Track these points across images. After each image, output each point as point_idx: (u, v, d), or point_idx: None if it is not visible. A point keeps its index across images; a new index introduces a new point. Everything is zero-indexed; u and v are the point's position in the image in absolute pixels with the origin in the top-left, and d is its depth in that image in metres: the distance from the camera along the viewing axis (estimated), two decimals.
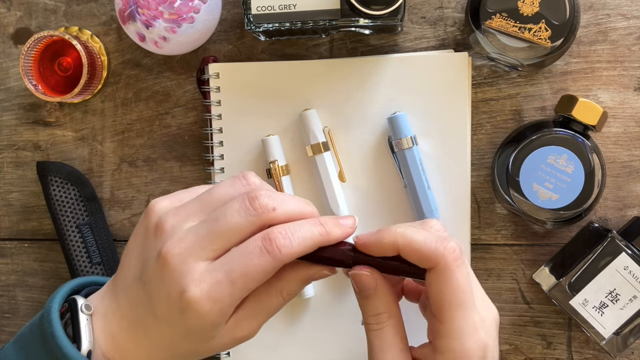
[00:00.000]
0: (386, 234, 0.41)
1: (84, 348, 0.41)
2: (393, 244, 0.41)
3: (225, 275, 0.39)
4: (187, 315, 0.39)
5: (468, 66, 0.56)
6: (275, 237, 0.39)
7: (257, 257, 0.38)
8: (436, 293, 0.40)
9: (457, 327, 0.40)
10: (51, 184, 0.61)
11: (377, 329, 0.42)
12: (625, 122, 0.55)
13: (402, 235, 0.40)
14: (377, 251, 0.41)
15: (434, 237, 0.40)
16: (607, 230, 0.52)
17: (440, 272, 0.40)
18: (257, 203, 0.40)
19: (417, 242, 0.40)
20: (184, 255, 0.39)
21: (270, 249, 0.38)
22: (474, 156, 0.57)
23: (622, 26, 0.55)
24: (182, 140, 0.61)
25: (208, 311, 0.39)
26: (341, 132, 0.57)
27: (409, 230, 0.41)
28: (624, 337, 0.52)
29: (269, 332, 0.58)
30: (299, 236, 0.39)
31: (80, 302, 0.43)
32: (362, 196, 0.57)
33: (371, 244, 0.41)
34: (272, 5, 0.52)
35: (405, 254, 0.40)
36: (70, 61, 0.61)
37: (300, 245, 0.39)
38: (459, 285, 0.40)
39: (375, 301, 0.42)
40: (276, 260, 0.39)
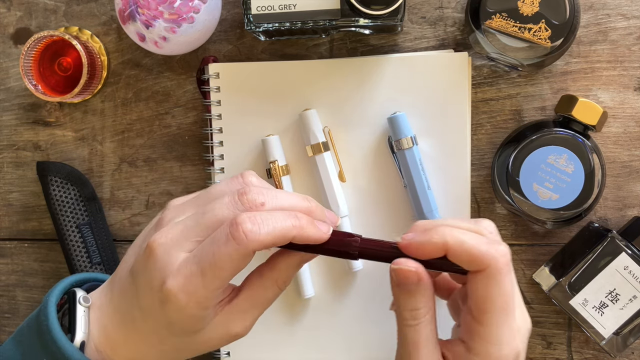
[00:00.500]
0: (435, 234, 0.40)
1: (77, 339, 0.41)
2: (442, 244, 0.39)
3: (197, 267, 0.38)
4: (167, 307, 0.39)
5: (468, 66, 0.56)
6: (242, 221, 0.38)
7: (224, 244, 0.38)
8: (482, 296, 0.39)
9: (497, 332, 0.39)
10: (51, 184, 0.61)
11: (413, 325, 0.41)
12: (625, 122, 0.55)
13: (452, 235, 0.39)
14: (424, 253, 0.40)
15: (485, 240, 0.39)
16: (607, 230, 0.52)
17: (490, 275, 0.39)
18: (246, 197, 0.40)
19: (468, 244, 0.39)
20: (168, 245, 0.39)
21: (237, 234, 0.37)
22: (474, 156, 0.57)
23: (622, 26, 0.55)
24: (182, 140, 0.61)
25: (185, 304, 0.38)
26: (341, 132, 0.57)
27: (458, 231, 0.40)
28: (623, 337, 0.52)
29: (269, 332, 0.58)
30: (269, 224, 0.38)
31: (79, 294, 0.43)
32: (362, 196, 0.57)
33: (418, 245, 0.40)
34: (272, 5, 0.52)
35: (454, 255, 0.39)
36: (70, 61, 0.61)
37: (269, 234, 0.38)
38: (505, 291, 0.39)
39: (416, 297, 0.41)
40: (242, 246, 0.37)
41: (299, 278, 0.57)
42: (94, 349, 0.42)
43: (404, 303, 0.41)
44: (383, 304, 0.57)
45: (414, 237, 0.40)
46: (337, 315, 0.58)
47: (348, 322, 0.58)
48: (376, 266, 0.57)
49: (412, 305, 0.41)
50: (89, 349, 0.42)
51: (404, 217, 0.57)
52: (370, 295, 0.57)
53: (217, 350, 0.59)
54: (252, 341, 0.59)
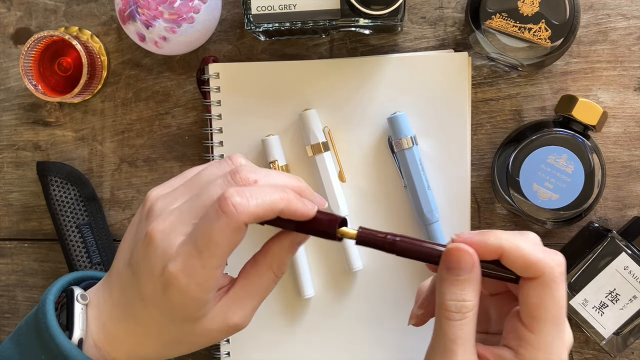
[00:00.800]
0: (491, 236, 0.39)
1: (75, 336, 0.41)
2: (498, 247, 0.38)
3: (193, 247, 0.38)
4: (169, 292, 0.39)
5: (468, 66, 0.56)
6: (230, 195, 0.38)
7: (215, 220, 0.38)
8: (535, 303, 0.38)
9: (549, 341, 0.39)
10: (51, 184, 0.61)
11: (457, 319, 0.39)
12: (625, 122, 0.55)
13: (508, 240, 0.38)
14: (478, 252, 0.39)
15: (540, 247, 0.39)
16: (607, 230, 0.52)
17: (545, 283, 0.38)
18: (239, 176, 0.40)
19: (526, 249, 0.38)
20: (167, 231, 0.39)
21: (226, 208, 0.37)
22: (474, 156, 0.57)
23: (622, 26, 0.55)
24: (182, 140, 0.61)
25: (186, 286, 0.38)
26: (341, 132, 0.57)
27: (513, 235, 0.39)
28: (623, 337, 0.52)
29: (269, 332, 0.58)
30: (257, 197, 0.38)
31: (76, 292, 0.43)
32: (362, 196, 0.57)
33: (474, 244, 0.39)
34: (272, 5, 0.52)
35: (509, 259, 0.38)
36: (70, 61, 0.61)
37: (258, 206, 0.38)
38: (559, 300, 0.38)
39: (466, 287, 0.39)
40: (233, 219, 0.37)
41: (298, 278, 0.57)
42: (93, 345, 0.42)
43: (450, 292, 0.39)
44: (383, 304, 0.57)
45: (471, 237, 0.39)
46: (337, 315, 0.58)
47: (348, 322, 0.58)
48: (376, 266, 0.57)
49: (460, 295, 0.39)
50: (87, 345, 0.42)
51: (404, 217, 0.57)
52: (370, 295, 0.57)
53: (217, 350, 0.59)
54: (252, 341, 0.59)
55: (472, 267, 0.39)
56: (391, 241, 0.40)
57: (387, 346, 0.57)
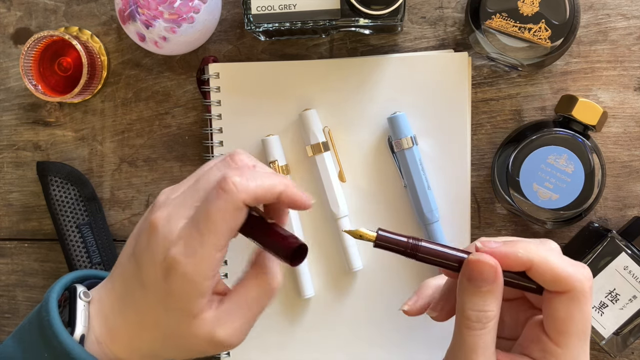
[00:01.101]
0: (520, 248, 0.38)
1: (77, 333, 0.42)
2: (527, 260, 0.38)
3: (194, 227, 0.38)
4: (170, 278, 0.39)
5: (468, 66, 0.56)
6: (231, 175, 0.38)
7: (215, 198, 0.38)
8: (563, 318, 0.38)
9: (575, 356, 0.39)
10: (51, 184, 0.61)
11: (479, 329, 0.38)
12: (625, 122, 0.55)
13: (537, 253, 0.38)
14: (505, 265, 0.39)
15: (570, 261, 0.39)
16: (607, 230, 0.52)
17: (574, 298, 0.38)
18: (237, 157, 0.41)
19: (555, 263, 0.38)
20: (166, 219, 0.40)
21: (226, 186, 0.38)
22: (474, 156, 0.57)
23: (622, 26, 0.55)
24: (182, 140, 0.61)
25: (185, 268, 0.38)
26: (341, 132, 0.57)
27: (542, 248, 0.39)
28: (623, 337, 0.52)
29: (269, 332, 0.58)
30: (257, 177, 0.38)
31: (79, 290, 0.44)
32: (362, 196, 0.57)
33: (502, 254, 0.38)
34: (272, 5, 0.52)
35: (538, 272, 0.38)
36: (70, 61, 0.61)
37: (258, 186, 0.38)
38: (587, 315, 0.38)
39: (488, 297, 0.38)
40: (232, 196, 0.38)
41: (298, 278, 0.57)
42: (94, 341, 0.43)
43: (472, 302, 0.38)
44: (383, 304, 0.57)
45: (499, 247, 0.38)
46: (337, 315, 0.58)
47: (348, 322, 0.58)
48: (376, 266, 0.57)
49: (482, 306, 0.38)
50: (89, 341, 0.42)
51: (404, 217, 0.57)
52: (370, 295, 0.57)
53: None
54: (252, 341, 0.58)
55: (495, 279, 0.38)
56: (413, 245, 0.39)
57: (387, 346, 0.57)
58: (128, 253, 0.43)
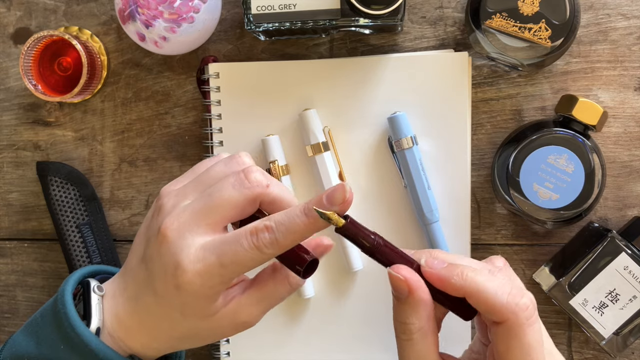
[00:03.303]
0: (457, 275, 0.38)
1: (92, 326, 0.43)
2: (461, 287, 0.38)
3: (217, 259, 0.39)
4: (182, 291, 0.40)
5: (468, 66, 0.55)
6: (261, 230, 0.39)
7: (246, 251, 0.39)
8: (502, 350, 0.38)
9: None
10: (51, 184, 0.61)
11: (405, 339, 0.40)
12: (625, 122, 0.55)
13: (472, 281, 0.38)
14: (442, 288, 0.39)
15: (507, 289, 0.38)
16: (607, 230, 0.52)
17: (509, 329, 0.37)
18: (252, 177, 0.41)
19: (488, 294, 0.37)
20: (181, 230, 0.40)
21: (258, 244, 0.39)
22: (474, 156, 0.57)
23: (622, 26, 0.55)
24: (182, 140, 0.61)
25: (199, 287, 0.39)
26: (341, 132, 0.57)
27: (480, 275, 0.38)
28: (623, 337, 0.52)
29: (269, 332, 0.58)
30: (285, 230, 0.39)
31: (93, 284, 0.44)
32: (362, 196, 0.57)
33: (437, 279, 0.39)
34: (272, 5, 0.52)
35: (473, 302, 0.38)
36: (70, 61, 0.61)
37: (286, 240, 0.39)
38: (529, 345, 0.37)
39: (406, 307, 0.39)
40: (264, 254, 0.39)
41: None
42: (108, 335, 0.43)
43: (395, 312, 0.40)
44: (383, 304, 0.57)
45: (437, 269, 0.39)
46: (337, 315, 0.58)
47: (348, 322, 0.58)
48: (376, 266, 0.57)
49: (403, 317, 0.40)
50: (103, 334, 0.43)
51: (404, 217, 0.57)
52: (370, 295, 0.57)
53: (217, 350, 0.59)
54: (252, 341, 0.59)
55: (409, 293, 0.39)
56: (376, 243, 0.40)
57: (387, 346, 0.57)
58: (138, 256, 0.43)
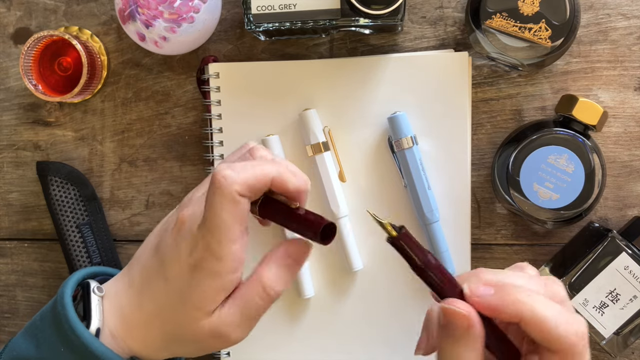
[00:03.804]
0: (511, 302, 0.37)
1: (92, 327, 0.43)
2: (516, 315, 0.37)
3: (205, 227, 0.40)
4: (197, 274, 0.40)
5: (468, 66, 0.55)
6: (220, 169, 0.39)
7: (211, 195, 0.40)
8: None
9: None
10: (51, 184, 0.61)
11: None
12: (625, 122, 0.55)
13: (530, 309, 0.36)
14: (493, 315, 0.37)
15: (565, 318, 0.37)
16: (608, 230, 0.52)
17: (567, 358, 0.36)
18: (258, 154, 0.43)
19: (547, 321, 0.36)
20: (194, 213, 0.41)
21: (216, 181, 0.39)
22: (474, 156, 0.57)
23: (622, 26, 0.55)
24: (182, 140, 0.61)
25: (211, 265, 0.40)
26: (341, 132, 0.57)
27: (537, 302, 0.37)
28: (624, 337, 0.52)
29: (269, 332, 0.58)
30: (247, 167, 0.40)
31: (93, 285, 0.45)
32: (362, 196, 0.57)
33: (488, 306, 0.37)
34: (272, 5, 0.52)
35: (528, 328, 0.37)
36: (70, 61, 0.61)
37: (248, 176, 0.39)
38: None
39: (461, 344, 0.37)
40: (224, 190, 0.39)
41: (298, 278, 0.57)
42: (109, 335, 0.43)
43: (447, 349, 0.38)
44: (383, 304, 0.57)
45: (487, 296, 0.37)
46: (337, 315, 0.58)
47: (348, 322, 0.58)
48: (376, 266, 0.57)
49: (456, 355, 0.38)
50: (103, 335, 0.43)
51: (404, 217, 0.57)
52: (370, 295, 0.57)
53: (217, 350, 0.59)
54: (252, 341, 0.58)
55: (468, 329, 0.37)
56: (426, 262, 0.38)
57: (387, 346, 0.57)
58: (151, 246, 0.44)
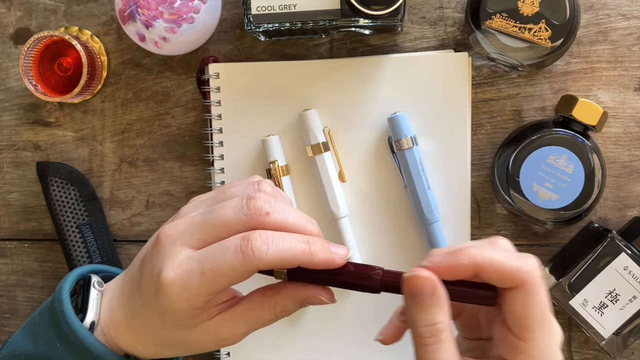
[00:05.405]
0: (464, 256, 0.38)
1: (87, 319, 0.43)
2: (472, 265, 0.38)
3: (198, 265, 0.39)
4: (159, 297, 0.39)
5: (468, 66, 0.55)
6: (253, 238, 0.38)
7: (231, 254, 0.38)
8: (521, 313, 0.38)
9: (542, 347, 0.38)
10: (51, 184, 0.61)
11: (433, 343, 0.39)
12: (625, 122, 0.55)
13: (480, 254, 0.38)
14: (453, 275, 0.39)
15: (513, 255, 0.39)
16: (607, 230, 0.52)
17: (526, 291, 0.38)
18: (252, 203, 0.40)
19: (500, 261, 0.38)
20: (174, 238, 0.40)
21: (245, 249, 0.38)
22: (474, 156, 0.57)
23: (622, 26, 0.55)
24: (182, 140, 0.61)
25: (177, 297, 0.39)
26: (341, 132, 0.57)
27: (486, 249, 0.39)
28: (623, 337, 0.52)
29: (269, 332, 0.58)
30: (279, 245, 0.38)
31: (94, 279, 0.45)
32: (362, 196, 0.57)
33: (448, 269, 0.39)
34: (272, 5, 0.52)
35: (486, 274, 0.38)
36: (70, 61, 0.61)
37: (276, 255, 0.38)
38: (543, 304, 0.38)
39: (433, 309, 0.39)
40: (248, 261, 0.38)
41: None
42: (101, 331, 0.44)
43: (420, 317, 0.39)
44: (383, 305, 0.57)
45: (442, 260, 0.39)
46: (337, 316, 0.58)
47: (348, 323, 0.58)
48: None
49: (430, 319, 0.39)
50: (98, 330, 0.43)
51: (404, 217, 0.57)
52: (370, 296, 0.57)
53: (217, 350, 0.59)
54: (252, 341, 0.59)
55: (434, 290, 0.39)
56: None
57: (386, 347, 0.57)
58: (140, 256, 0.44)
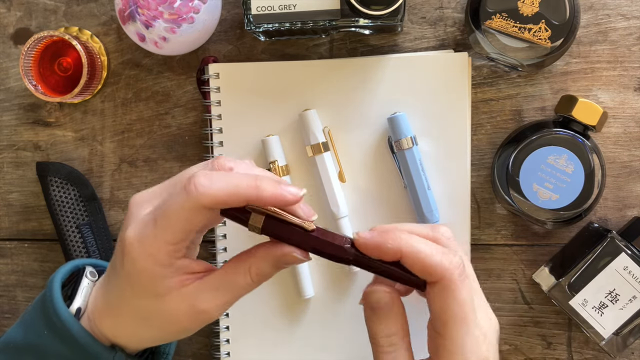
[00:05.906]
0: (391, 238, 0.39)
1: (73, 306, 0.43)
2: (396, 250, 0.39)
3: (151, 216, 0.39)
4: (125, 261, 0.39)
5: (468, 66, 0.56)
6: (197, 176, 0.38)
7: (176, 195, 0.38)
8: (439, 308, 0.39)
9: (460, 343, 0.39)
10: (51, 184, 0.61)
11: (389, 352, 0.40)
12: (625, 122, 0.55)
13: (407, 243, 0.39)
14: (377, 254, 0.40)
15: (440, 250, 0.39)
16: (607, 230, 0.52)
17: (444, 287, 0.39)
18: (217, 162, 0.41)
19: (423, 254, 0.39)
20: (141, 202, 0.41)
21: (188, 186, 0.38)
22: (474, 156, 0.57)
23: (622, 26, 0.55)
24: (182, 140, 0.61)
25: (137, 255, 0.39)
26: (341, 132, 0.57)
27: (414, 238, 0.39)
28: (623, 337, 0.52)
29: (269, 332, 0.58)
30: (224, 180, 0.38)
31: (88, 269, 0.45)
32: (362, 196, 0.57)
33: (373, 245, 0.40)
34: (272, 6, 0.52)
35: (409, 263, 0.39)
36: (70, 61, 0.61)
37: (220, 190, 0.37)
38: (463, 301, 0.39)
39: (389, 320, 0.41)
40: (191, 198, 0.37)
41: (298, 278, 0.57)
42: (87, 318, 0.44)
43: (378, 329, 0.41)
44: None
45: (370, 237, 0.40)
46: (337, 315, 0.58)
47: (348, 322, 0.58)
48: None
49: (387, 329, 0.41)
50: (83, 318, 0.44)
51: (404, 217, 0.57)
52: None
53: (217, 350, 0.59)
54: (252, 341, 0.59)
55: (392, 304, 0.40)
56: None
57: None
58: None
